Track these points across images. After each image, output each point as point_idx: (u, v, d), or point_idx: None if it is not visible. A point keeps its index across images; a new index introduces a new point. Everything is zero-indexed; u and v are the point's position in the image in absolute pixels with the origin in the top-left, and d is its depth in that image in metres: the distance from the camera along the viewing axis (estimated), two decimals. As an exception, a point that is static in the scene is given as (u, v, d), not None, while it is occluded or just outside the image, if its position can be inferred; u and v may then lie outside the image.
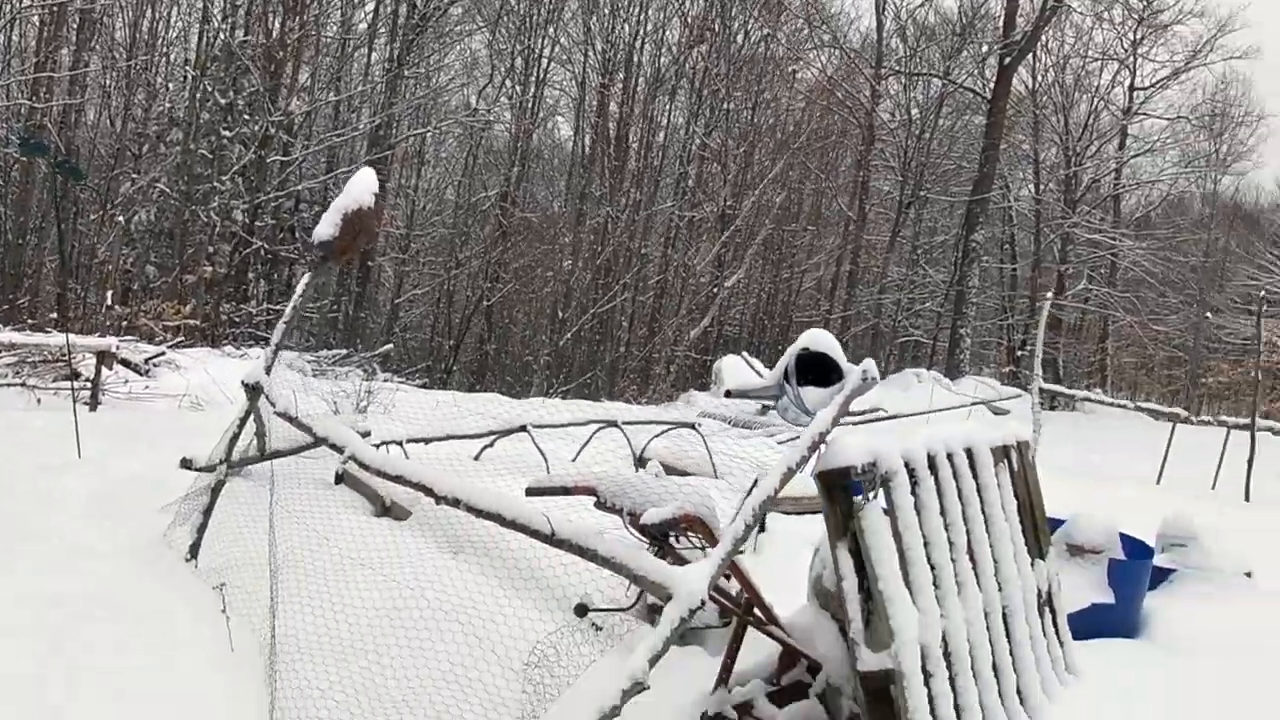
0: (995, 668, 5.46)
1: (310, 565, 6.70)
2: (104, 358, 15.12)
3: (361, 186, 7.34)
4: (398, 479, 5.24)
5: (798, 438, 4.75)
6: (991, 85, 39.44)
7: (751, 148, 37.08)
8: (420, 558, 7.15)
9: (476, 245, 35.90)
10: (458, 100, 38.85)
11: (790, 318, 41.31)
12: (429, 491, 5.02)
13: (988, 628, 5.47)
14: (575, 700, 4.27)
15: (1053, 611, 6.51)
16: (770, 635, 5.37)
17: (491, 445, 10.51)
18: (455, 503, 4.89)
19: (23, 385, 15.35)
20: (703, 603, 4.22)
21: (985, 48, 41.71)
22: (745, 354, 17.52)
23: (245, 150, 28.52)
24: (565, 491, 5.23)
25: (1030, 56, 41.76)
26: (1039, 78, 44.64)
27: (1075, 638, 6.91)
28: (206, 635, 5.80)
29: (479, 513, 4.80)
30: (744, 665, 5.54)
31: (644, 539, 4.94)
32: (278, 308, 28.96)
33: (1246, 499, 16.35)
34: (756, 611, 5.32)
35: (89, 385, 14.92)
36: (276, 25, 29.99)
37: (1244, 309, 39.44)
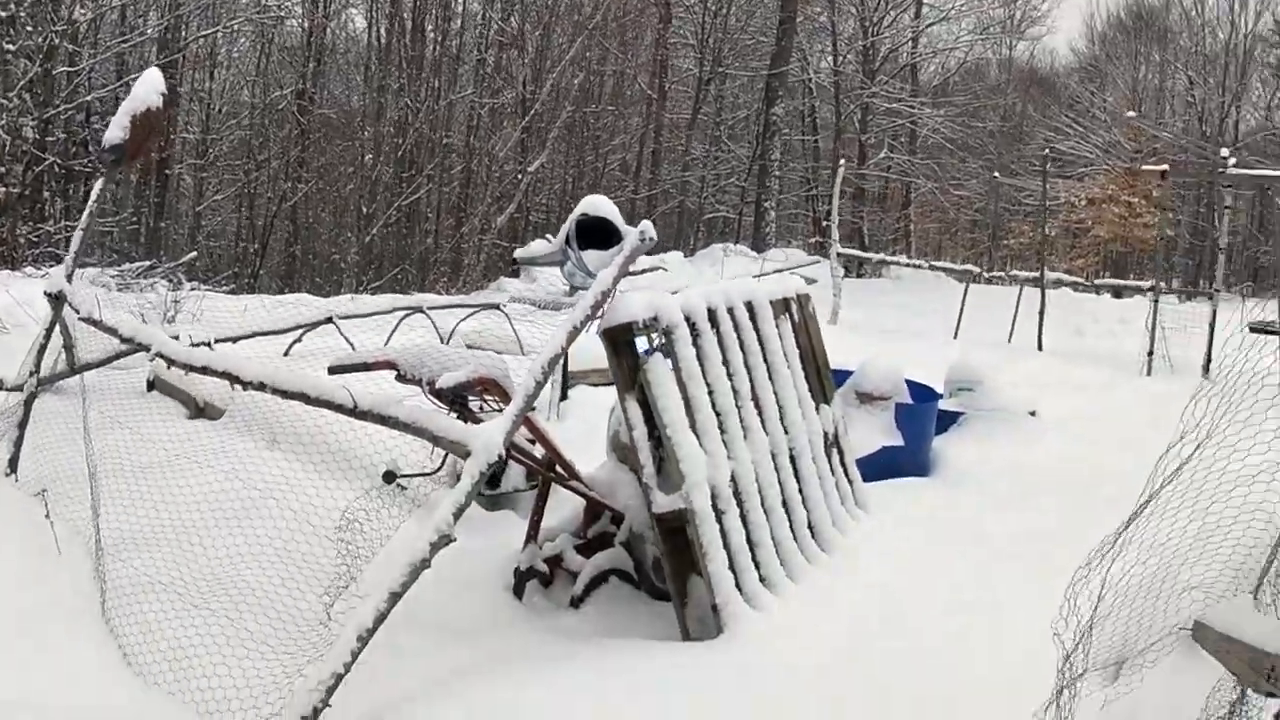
0: (786, 504, 5.87)
1: (130, 466, 6.78)
2: None
3: (148, 88, 7.34)
4: (204, 370, 5.36)
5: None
6: (786, -43, 39.49)
7: (549, 30, 36.89)
8: (237, 451, 7.28)
9: (276, 146, 35.25)
10: (247, -3, 37.87)
11: (596, 200, 41.39)
12: (235, 378, 5.17)
13: (776, 468, 5.86)
14: (388, 558, 4.51)
15: (840, 452, 6.94)
16: (574, 490, 5.69)
17: (300, 340, 10.58)
18: (261, 386, 5.06)
19: None
20: (501, 457, 4.49)
21: (779, -81, 41.71)
22: (549, 236, 17.60)
23: (30, 64, 27.51)
24: (366, 367, 5.44)
25: (824, -74, 41.99)
26: (833, -52, 45.00)
27: (868, 479, 7.38)
28: (33, 542, 5.88)
29: (284, 393, 4.98)
30: (551, 522, 5.86)
31: (443, 405, 5.18)
32: (77, 224, 28.20)
33: (1039, 349, 17.18)
34: (559, 469, 5.62)
35: None
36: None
37: (1041, 171, 40.58)
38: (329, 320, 10.30)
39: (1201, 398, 3.20)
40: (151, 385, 9.60)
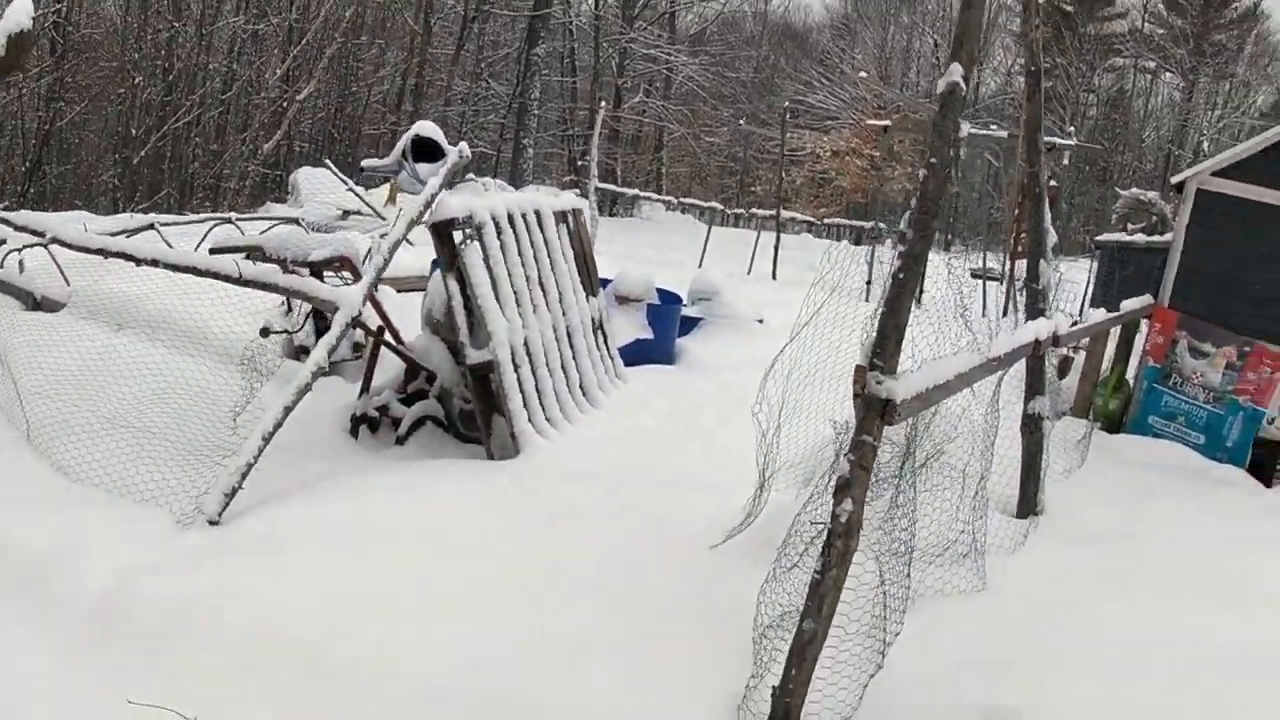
0: (564, 367, 7.55)
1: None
2: None
3: (20, 11, 8.50)
4: (101, 252, 6.68)
5: (383, 236, 6.61)
6: (548, -100, 40.52)
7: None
8: (91, 334, 8.46)
9: (37, 65, 34.76)
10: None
11: (359, 131, 41.95)
12: (130, 257, 6.52)
13: (556, 339, 7.52)
14: (278, 388, 5.99)
15: (603, 334, 8.65)
16: (398, 354, 7.23)
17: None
18: (154, 263, 6.42)
19: None
20: (359, 314, 6.02)
21: None
22: (328, 162, 18.70)
23: None
24: (238, 249, 6.86)
25: None
26: (596, -108, 46.38)
27: (626, 364, 9.11)
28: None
29: (177, 268, 6.36)
30: (378, 380, 7.37)
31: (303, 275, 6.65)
32: None
33: (774, 278, 19.26)
34: (387, 336, 7.15)
35: None
36: None
37: (781, 122, 42.52)
38: (151, 227, 11.44)
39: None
40: (-16, 281, 10.49)
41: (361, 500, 5.64)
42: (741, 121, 33.55)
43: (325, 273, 6.88)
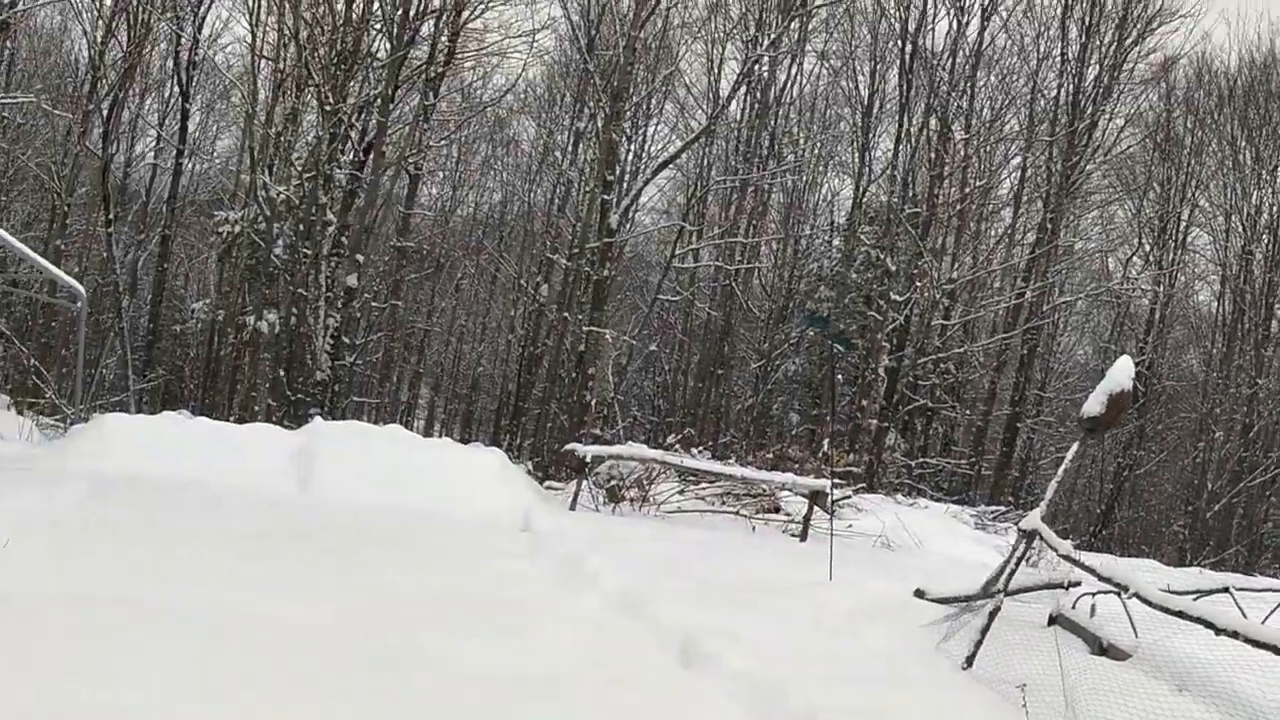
0: None
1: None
2: (817, 497, 17.14)
3: (1123, 373, 9.08)
4: (1179, 614, 6.85)
5: None
6: None
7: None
8: (1146, 692, 8.54)
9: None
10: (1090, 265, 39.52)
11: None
12: (1209, 625, 6.60)
13: None
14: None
15: None
16: None
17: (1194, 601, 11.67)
18: (1234, 634, 6.45)
19: (736, 514, 17.96)
20: None
21: None
22: None
23: (896, 313, 30.70)
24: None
25: None
26: None
27: None
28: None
29: (1255, 643, 6.32)
30: None
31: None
32: (932, 460, 31.15)
33: None
34: None
35: (799, 520, 17.22)
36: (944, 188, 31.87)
37: None
38: (1225, 590, 11.33)
39: None
40: (1053, 620, 10.92)
41: None
42: None
43: None
